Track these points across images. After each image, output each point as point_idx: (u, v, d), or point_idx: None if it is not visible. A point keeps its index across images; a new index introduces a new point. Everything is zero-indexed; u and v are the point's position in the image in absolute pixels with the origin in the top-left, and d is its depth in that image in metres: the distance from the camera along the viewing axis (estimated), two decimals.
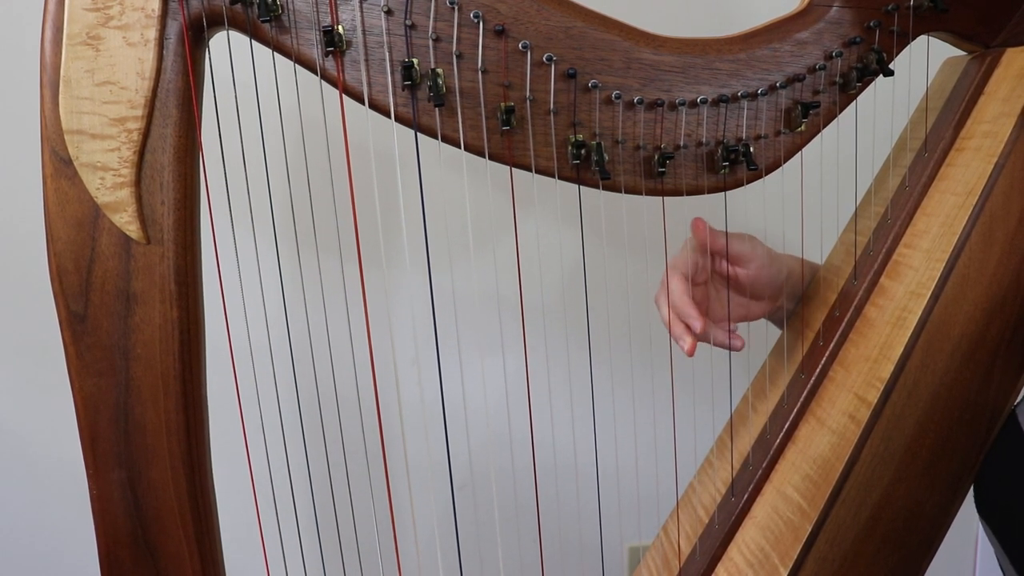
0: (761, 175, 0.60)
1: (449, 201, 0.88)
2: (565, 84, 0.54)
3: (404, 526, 1.11)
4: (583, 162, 0.55)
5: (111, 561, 0.53)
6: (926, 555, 0.61)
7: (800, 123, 0.59)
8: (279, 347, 0.63)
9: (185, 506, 0.53)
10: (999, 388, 0.60)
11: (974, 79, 0.65)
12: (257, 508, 0.58)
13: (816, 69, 0.59)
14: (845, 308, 0.66)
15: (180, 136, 0.49)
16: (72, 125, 0.47)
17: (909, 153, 0.68)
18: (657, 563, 0.72)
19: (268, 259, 0.60)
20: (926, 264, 0.60)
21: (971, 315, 0.59)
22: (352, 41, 0.50)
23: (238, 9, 0.49)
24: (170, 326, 0.50)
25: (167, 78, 0.48)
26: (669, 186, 0.58)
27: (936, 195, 0.63)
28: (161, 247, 0.49)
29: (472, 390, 1.11)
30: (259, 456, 0.61)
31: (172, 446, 0.52)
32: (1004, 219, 0.59)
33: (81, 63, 0.47)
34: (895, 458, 0.59)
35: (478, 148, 0.54)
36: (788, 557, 0.59)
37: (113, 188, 0.48)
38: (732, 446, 0.71)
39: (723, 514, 0.66)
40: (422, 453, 1.04)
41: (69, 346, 0.50)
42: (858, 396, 0.60)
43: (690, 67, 0.56)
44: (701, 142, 0.58)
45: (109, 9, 0.47)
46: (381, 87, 0.51)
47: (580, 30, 0.53)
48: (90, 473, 0.52)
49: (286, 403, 0.63)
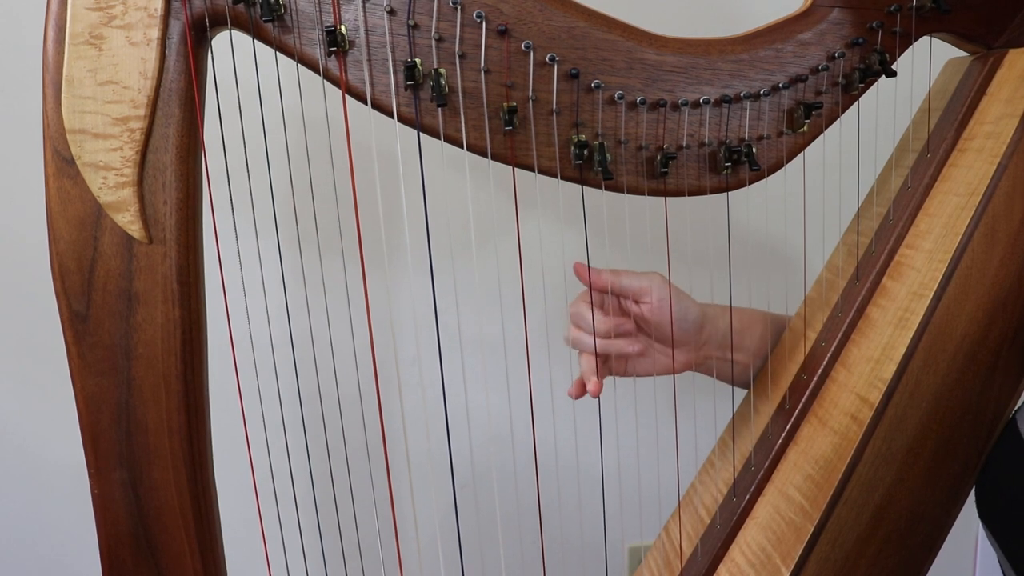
0: (763, 175, 0.60)
1: (451, 201, 0.88)
2: (568, 84, 0.54)
3: (405, 526, 1.11)
4: (586, 162, 0.55)
5: (112, 561, 0.53)
6: (927, 556, 0.61)
7: (802, 124, 0.59)
8: (281, 347, 0.63)
9: (187, 506, 0.53)
10: (1001, 389, 0.60)
11: (976, 80, 0.65)
12: (259, 508, 0.58)
13: (819, 70, 0.59)
14: (847, 309, 0.66)
15: (182, 136, 0.49)
16: (74, 124, 0.47)
17: (911, 154, 0.68)
18: (658, 563, 0.72)
19: (270, 259, 0.60)
20: (928, 265, 0.60)
21: (973, 316, 0.59)
22: (355, 41, 0.50)
23: (241, 9, 0.49)
24: (172, 326, 0.50)
25: (170, 77, 0.48)
26: (672, 186, 0.58)
27: (938, 196, 0.63)
28: (163, 247, 0.49)
29: (474, 389, 1.11)
30: (261, 456, 0.61)
31: (174, 446, 0.52)
32: (1006, 220, 0.59)
33: (84, 62, 0.47)
34: (897, 458, 0.59)
35: (480, 148, 0.54)
36: (790, 557, 0.59)
37: (115, 187, 0.48)
38: (734, 446, 0.71)
39: (725, 514, 0.66)
40: (423, 452, 1.04)
41: (71, 346, 0.50)
42: (860, 396, 0.60)
43: (693, 67, 0.56)
44: (703, 142, 0.58)
45: (112, 8, 0.47)
46: (384, 87, 0.51)
47: (583, 30, 0.53)
48: (91, 473, 0.52)
49: (288, 403, 0.63)
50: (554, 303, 1.11)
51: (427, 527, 1.18)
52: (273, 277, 0.60)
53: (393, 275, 1.08)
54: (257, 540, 0.62)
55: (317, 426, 0.66)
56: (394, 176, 0.59)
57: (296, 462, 0.66)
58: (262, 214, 0.58)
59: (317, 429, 0.66)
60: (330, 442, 0.67)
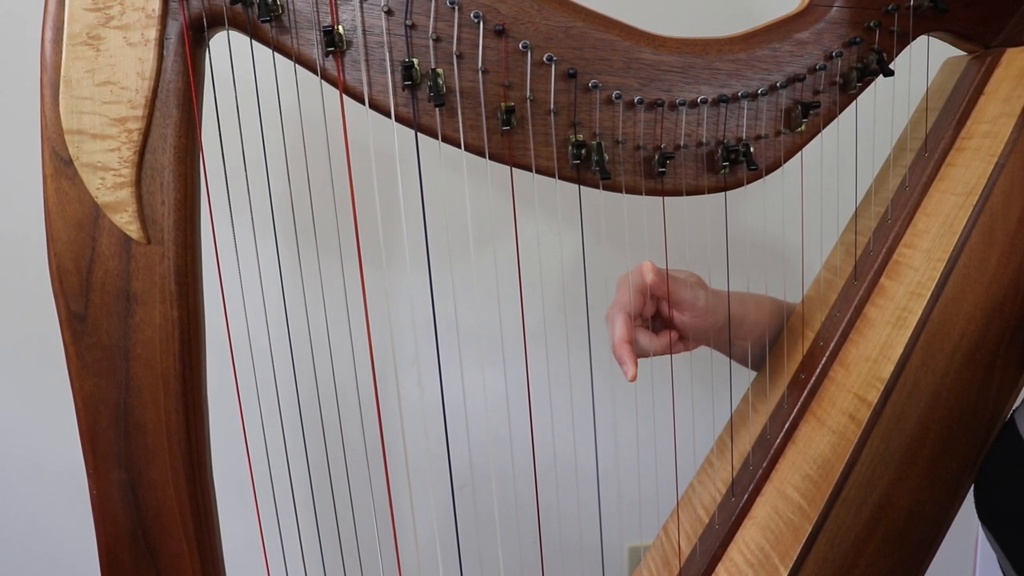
0: (761, 175, 0.60)
1: (449, 201, 0.88)
2: (565, 84, 0.54)
3: (404, 526, 1.11)
4: (583, 162, 0.55)
5: (111, 561, 0.53)
6: (926, 555, 0.61)
7: (800, 123, 0.59)
8: (279, 347, 0.63)
9: (185, 506, 0.53)
10: (1000, 388, 0.60)
11: (974, 79, 0.65)
12: (257, 507, 0.58)
13: (816, 69, 0.59)
14: (845, 308, 0.66)
15: (180, 136, 0.49)
16: (72, 125, 0.47)
17: (909, 153, 0.68)
18: (657, 563, 0.72)
19: (268, 259, 0.60)
20: (926, 264, 0.60)
21: (971, 315, 0.59)
22: (352, 41, 0.50)
23: (238, 9, 0.49)
24: (170, 326, 0.50)
25: (167, 78, 0.48)
26: (669, 186, 0.58)
27: (936, 195, 0.63)
28: (161, 247, 0.49)
29: (472, 390, 1.11)
30: (259, 456, 0.61)
31: (172, 446, 0.52)
32: (1004, 219, 0.59)
33: (81, 63, 0.47)
34: (895, 458, 0.59)
35: (478, 148, 0.54)
36: (788, 557, 0.59)
37: (113, 188, 0.48)
38: (732, 446, 0.71)
39: (723, 514, 0.66)
40: (422, 453, 1.04)
41: (69, 346, 0.50)
42: (858, 396, 0.60)
43: (690, 67, 0.56)
44: (701, 142, 0.58)
45: (109, 9, 0.47)
46: (381, 87, 0.51)
47: (580, 30, 0.53)
48: (90, 473, 0.52)
49: (286, 403, 0.63)
50: (552, 302, 1.11)
51: (426, 527, 1.18)
52: (271, 277, 0.60)
53: (391, 275, 1.08)
54: (255, 540, 0.62)
55: (315, 426, 0.66)
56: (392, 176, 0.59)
57: (294, 462, 0.66)
58: (260, 214, 0.58)
59: (315, 429, 0.66)
60: (328, 442, 0.67)
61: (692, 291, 0.67)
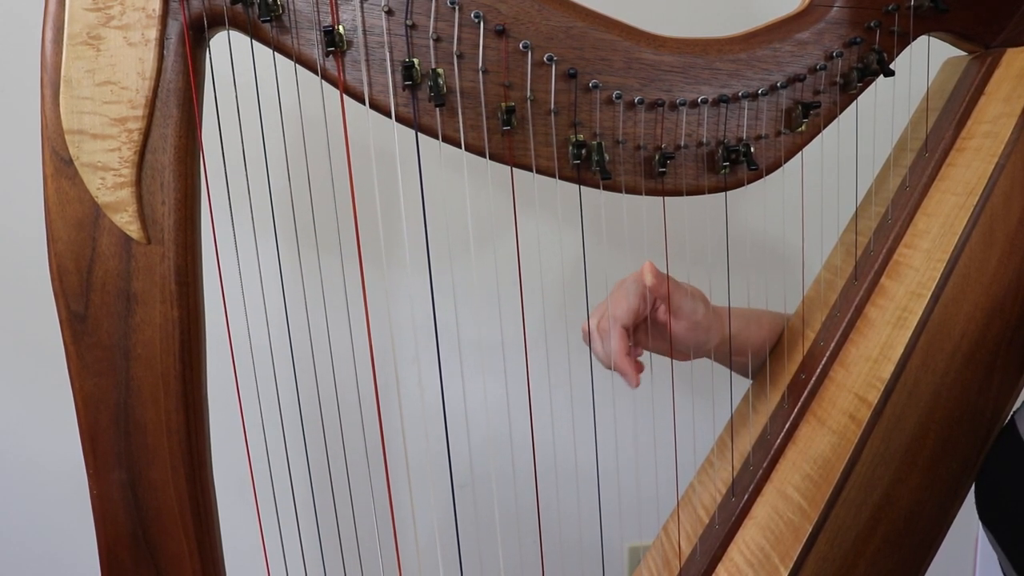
0: (762, 175, 0.60)
1: (450, 201, 0.88)
2: (566, 84, 0.54)
3: (404, 525, 1.11)
4: (584, 162, 0.55)
5: (111, 561, 0.53)
6: (926, 555, 0.61)
7: (801, 123, 0.59)
8: (279, 347, 0.63)
9: (185, 506, 0.53)
10: (1000, 388, 0.60)
11: (975, 79, 0.65)
12: (257, 507, 0.58)
13: (817, 69, 0.59)
14: (846, 308, 0.66)
15: (181, 136, 0.49)
16: (73, 125, 0.47)
17: (910, 153, 0.68)
18: (657, 563, 0.72)
19: (268, 259, 0.60)
20: (927, 264, 0.60)
21: (972, 315, 0.59)
22: (353, 41, 0.50)
23: (239, 9, 0.49)
24: (170, 326, 0.50)
25: (168, 78, 0.48)
26: (670, 186, 0.58)
27: (937, 195, 0.63)
28: (161, 247, 0.49)
29: (472, 389, 1.11)
30: (259, 455, 0.61)
31: (172, 446, 0.52)
32: (1005, 219, 0.59)
33: (82, 63, 0.47)
34: (896, 458, 0.59)
35: (479, 148, 0.54)
36: (788, 557, 0.59)
37: (114, 188, 0.48)
38: (732, 446, 0.71)
39: (723, 514, 0.66)
40: (422, 452, 1.04)
41: (69, 346, 0.50)
42: (859, 396, 0.60)
43: (691, 67, 0.56)
44: (702, 142, 0.58)
45: (110, 9, 0.47)
46: (382, 87, 0.51)
47: (581, 30, 0.53)
48: (90, 473, 0.52)
49: (286, 403, 0.63)
50: (552, 302, 1.11)
51: (426, 526, 1.18)
52: (271, 277, 0.60)
53: (392, 275, 1.08)
54: (256, 540, 0.62)
55: (316, 426, 0.66)
56: (392, 176, 0.59)
57: (295, 462, 0.66)
58: (260, 214, 0.58)
59: (316, 429, 0.66)
60: (329, 442, 0.67)
61: (692, 302, 0.67)
